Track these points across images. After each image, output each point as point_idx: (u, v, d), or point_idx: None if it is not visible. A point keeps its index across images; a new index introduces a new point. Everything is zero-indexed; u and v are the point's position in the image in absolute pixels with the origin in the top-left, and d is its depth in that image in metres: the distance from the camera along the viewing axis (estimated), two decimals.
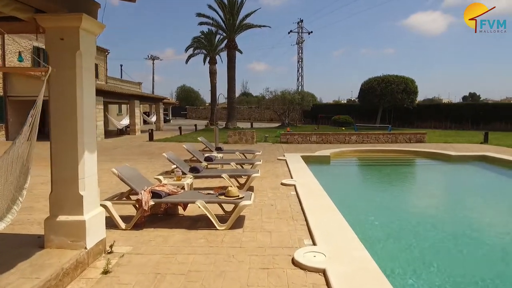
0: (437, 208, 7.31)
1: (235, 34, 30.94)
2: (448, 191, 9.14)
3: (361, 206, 7.16)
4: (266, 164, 10.62)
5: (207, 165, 8.64)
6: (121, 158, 12.18)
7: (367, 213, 6.48)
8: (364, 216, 6.26)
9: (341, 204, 6.42)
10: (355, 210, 6.63)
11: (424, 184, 9.92)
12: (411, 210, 7.21)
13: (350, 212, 5.82)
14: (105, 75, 29.91)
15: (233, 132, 17.76)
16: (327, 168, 11.72)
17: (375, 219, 6.17)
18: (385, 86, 32.00)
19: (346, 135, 17.99)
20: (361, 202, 7.57)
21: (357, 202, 7.54)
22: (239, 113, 53.16)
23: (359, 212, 6.54)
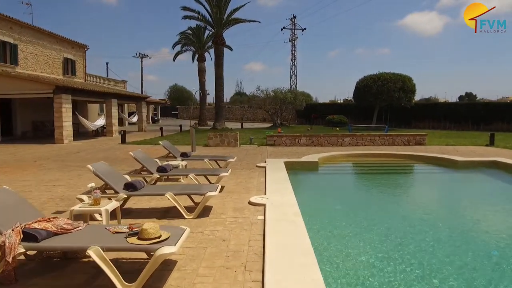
0: (461, 235, 5.56)
1: (222, 29, 29.19)
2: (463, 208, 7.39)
3: (351, 244, 4.80)
4: (241, 174, 8.90)
5: (156, 179, 6.90)
6: (74, 166, 10.41)
7: (360, 259, 4.25)
8: (356, 268, 4.02)
9: (322, 239, 4.73)
10: (342, 253, 4.46)
11: (433, 200, 8.01)
12: (424, 255, 4.49)
13: (333, 259, 4.12)
14: (83, 72, 28.09)
15: (214, 134, 16.02)
16: (312, 178, 10.01)
17: (376, 272, 3.92)
18: (382, 84, 30.37)
19: (338, 137, 16.30)
20: (353, 236, 5.10)
21: (345, 237, 5.06)
22: (231, 112, 51.46)
23: (348, 258, 4.33)
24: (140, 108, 28.07)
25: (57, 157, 12.20)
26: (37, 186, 7.68)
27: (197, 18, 29.39)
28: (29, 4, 27.39)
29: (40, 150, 14.24)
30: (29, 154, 13.17)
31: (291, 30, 43.22)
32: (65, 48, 25.47)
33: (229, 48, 36.46)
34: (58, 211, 5.76)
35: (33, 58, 21.86)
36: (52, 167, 10.11)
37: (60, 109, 16.98)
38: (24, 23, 20.85)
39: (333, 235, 5.18)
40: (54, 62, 24.10)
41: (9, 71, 18.98)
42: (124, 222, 5.13)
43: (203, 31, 36.15)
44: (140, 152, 7.34)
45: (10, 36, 19.90)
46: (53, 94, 16.88)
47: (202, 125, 35.39)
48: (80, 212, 4.44)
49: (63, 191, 7.21)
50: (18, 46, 20.46)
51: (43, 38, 22.78)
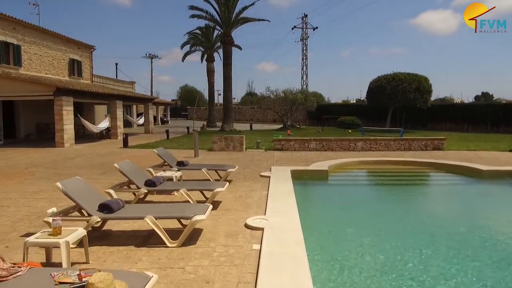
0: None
1: (231, 29, 28.44)
2: (496, 231, 6.39)
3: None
4: (242, 185, 8.09)
5: (145, 194, 6.14)
6: (66, 174, 9.74)
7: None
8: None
9: (328, 278, 3.88)
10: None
11: (460, 218, 6.91)
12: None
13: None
14: (90, 73, 27.67)
15: (219, 137, 15.24)
16: (321, 191, 9.10)
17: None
18: (396, 84, 29.19)
19: (350, 141, 15.35)
20: (368, 277, 4.02)
21: (359, 274, 4.06)
22: (241, 114, 50.76)
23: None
24: (147, 110, 27.51)
25: (52, 164, 11.58)
26: (17, 199, 7.01)
27: (205, 17, 28.72)
28: (36, 5, 27.15)
29: (37, 155, 13.67)
30: (25, 159, 12.60)
31: (302, 29, 42.28)
32: (71, 49, 25.05)
33: (238, 47, 35.73)
34: (29, 232, 5.04)
35: (37, 59, 21.45)
36: (42, 175, 9.46)
37: (60, 112, 16.43)
38: (28, 23, 20.44)
39: (342, 272, 4.25)
40: (59, 63, 23.68)
41: (12, 72, 18.56)
42: (96, 250, 4.39)
43: (212, 31, 35.49)
44: (127, 163, 6.59)
45: (13, 36, 19.48)
46: (54, 96, 16.34)
47: (211, 127, 34.71)
48: (35, 244, 3.69)
49: (43, 206, 6.50)
50: (22, 47, 20.04)
51: (47, 39, 22.36)
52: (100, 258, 4.16)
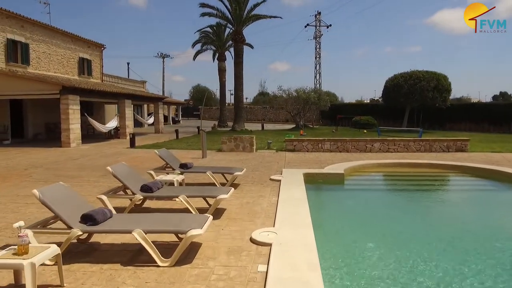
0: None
1: (242, 26, 27.80)
2: None
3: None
4: (250, 190, 7.41)
5: (140, 201, 5.51)
6: (65, 176, 9.22)
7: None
8: None
9: None
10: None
11: (496, 230, 5.99)
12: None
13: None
14: (100, 72, 27.40)
15: (228, 138, 14.60)
16: (336, 197, 8.31)
17: None
18: (414, 83, 28.08)
19: (367, 142, 14.52)
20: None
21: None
22: (253, 113, 50.14)
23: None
24: (157, 109, 27.08)
25: (53, 164, 11.11)
26: (6, 204, 6.48)
27: (215, 15, 28.15)
28: (47, 3, 27.03)
29: (40, 155, 13.26)
30: (27, 159, 12.18)
31: (316, 27, 41.37)
32: (81, 48, 24.78)
33: (250, 46, 35.13)
34: (7, 244, 4.46)
35: (46, 57, 21.18)
36: (40, 177, 8.96)
37: (66, 111, 16.04)
38: (36, 21, 20.17)
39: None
40: (68, 62, 23.42)
41: (19, 70, 18.29)
42: (76, 269, 3.78)
43: (223, 29, 34.94)
44: (122, 166, 5.98)
45: (21, 35, 19.22)
46: (60, 94, 15.95)
47: (222, 126, 34.16)
48: None
49: (33, 212, 5.95)
50: (30, 45, 19.78)
51: (56, 37, 22.10)
52: (78, 280, 3.54)
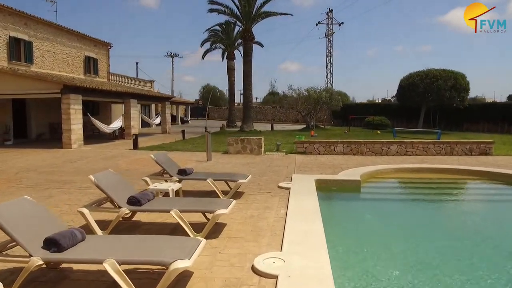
0: None
1: (252, 24, 27.00)
2: None
3: None
4: (255, 200, 6.60)
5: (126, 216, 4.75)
6: (57, 181, 8.54)
7: None
8: None
9: None
10: None
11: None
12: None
13: None
14: (107, 71, 26.90)
15: (235, 139, 13.82)
16: (353, 208, 7.40)
17: None
18: (430, 82, 26.96)
19: (383, 144, 13.59)
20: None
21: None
22: (262, 113, 49.36)
23: None
24: (163, 109, 26.47)
25: (49, 167, 10.46)
26: None
27: (224, 12, 27.41)
28: (54, 2, 26.62)
29: (39, 157, 12.66)
30: (23, 162, 11.58)
31: (327, 25, 40.34)
32: (87, 46, 24.29)
33: (259, 44, 34.33)
34: None
35: (50, 56, 20.70)
36: (29, 183, 8.29)
37: (68, 111, 15.45)
38: (40, 19, 19.69)
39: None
40: (74, 61, 22.93)
41: (23, 69, 17.81)
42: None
43: (232, 28, 34.21)
44: (108, 174, 5.22)
45: (25, 32, 18.75)
46: (61, 94, 15.38)
47: (231, 127, 33.43)
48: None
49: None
50: (34, 44, 19.30)
51: (61, 35, 21.61)
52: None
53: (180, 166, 7.65)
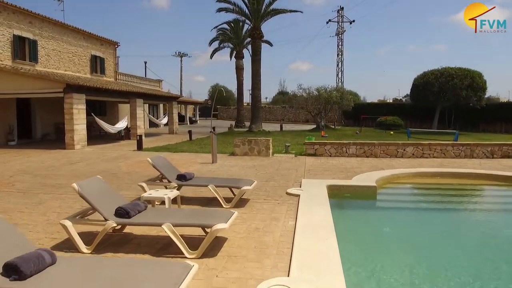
0: None
1: (260, 22, 26.37)
2: None
3: None
4: (261, 209, 5.99)
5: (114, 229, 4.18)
6: (50, 186, 8.05)
7: None
8: None
9: None
10: None
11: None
12: None
13: None
14: (114, 71, 26.55)
15: (242, 140, 13.22)
16: (370, 219, 6.66)
17: None
18: (445, 81, 26.03)
19: (398, 146, 12.84)
20: None
21: None
22: (272, 113, 48.74)
23: None
24: (171, 109, 26.02)
25: (46, 170, 9.99)
26: None
27: (232, 10, 26.79)
28: (61, 1, 26.37)
29: (39, 158, 12.24)
30: (21, 164, 11.15)
31: (338, 23, 39.47)
32: (93, 45, 23.95)
33: (269, 43, 33.75)
34: None
35: (56, 55, 20.37)
36: (21, 187, 7.80)
37: (71, 110, 15.03)
38: (45, 17, 19.36)
39: None
40: (80, 60, 22.60)
41: (27, 68, 17.47)
42: None
43: (241, 26, 33.62)
44: (95, 181, 4.65)
45: (29, 31, 18.42)
46: (63, 93, 14.96)
47: (239, 127, 32.87)
48: None
49: None
50: (38, 42, 18.97)
51: (67, 34, 21.28)
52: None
53: (180, 170, 7.07)
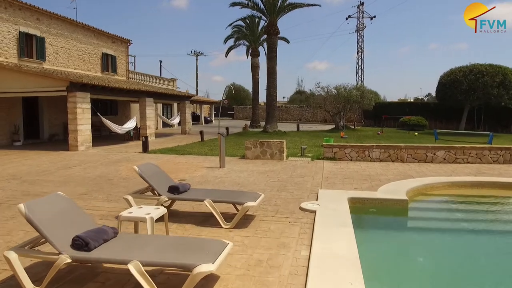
0: None
1: (277, 17, 25.22)
2: None
3: None
4: (267, 230, 4.88)
5: (66, 263, 3.16)
6: (33, 193, 7.17)
7: None
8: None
9: None
10: None
11: None
12: None
13: None
14: (126, 69, 25.89)
15: (253, 142, 12.14)
16: (403, 244, 5.41)
17: None
18: (475, 78, 24.27)
19: (427, 150, 11.50)
20: None
21: None
22: (288, 113, 47.53)
23: None
24: (183, 108, 25.18)
25: (38, 174, 9.16)
26: None
27: (247, 5, 25.74)
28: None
29: (36, 161, 11.48)
30: (16, 167, 10.39)
31: (358, 18, 37.92)
32: (104, 43, 23.32)
33: (285, 40, 32.60)
34: None
35: (65, 53, 19.77)
36: (2, 196, 6.94)
37: (74, 110, 14.28)
38: (54, 14, 18.76)
39: None
40: (90, 58, 21.98)
41: (34, 66, 16.88)
42: None
43: (257, 23, 32.55)
44: (54, 200, 3.64)
45: (37, 28, 17.84)
46: (67, 91, 14.23)
47: (254, 127, 31.83)
48: None
49: None
50: (46, 40, 18.38)
51: (77, 31, 20.67)
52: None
53: (179, 176, 6.06)
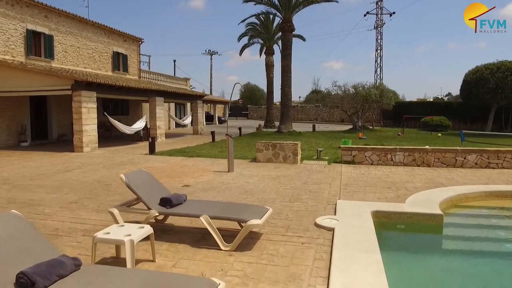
0: None
1: (292, 13, 24.29)
2: None
3: None
4: (274, 254, 4.02)
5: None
6: (20, 200, 6.50)
7: None
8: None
9: None
10: None
11: None
12: None
13: None
14: (138, 68, 25.41)
15: (265, 144, 11.29)
16: (439, 270, 4.45)
17: None
18: (503, 76, 22.80)
19: (457, 154, 10.42)
20: None
21: None
22: (304, 112, 46.49)
23: None
24: (195, 108, 24.53)
25: (32, 178, 8.54)
26: None
27: (261, 1, 24.89)
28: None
29: (37, 163, 10.92)
30: (13, 169, 9.83)
31: (377, 15, 36.59)
32: (115, 41, 22.86)
33: (301, 38, 31.63)
34: None
35: (74, 51, 19.34)
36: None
37: (79, 109, 13.72)
38: (63, 11, 18.33)
39: None
40: (101, 57, 21.53)
41: (42, 65, 16.46)
42: None
43: (271, 20, 31.69)
44: (8, 219, 2.88)
45: (45, 26, 17.43)
46: (71, 90, 13.68)
47: (269, 127, 30.98)
48: None
49: None
50: (55, 38, 17.96)
51: (87, 29, 20.23)
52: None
53: (168, 190, 5.25)
